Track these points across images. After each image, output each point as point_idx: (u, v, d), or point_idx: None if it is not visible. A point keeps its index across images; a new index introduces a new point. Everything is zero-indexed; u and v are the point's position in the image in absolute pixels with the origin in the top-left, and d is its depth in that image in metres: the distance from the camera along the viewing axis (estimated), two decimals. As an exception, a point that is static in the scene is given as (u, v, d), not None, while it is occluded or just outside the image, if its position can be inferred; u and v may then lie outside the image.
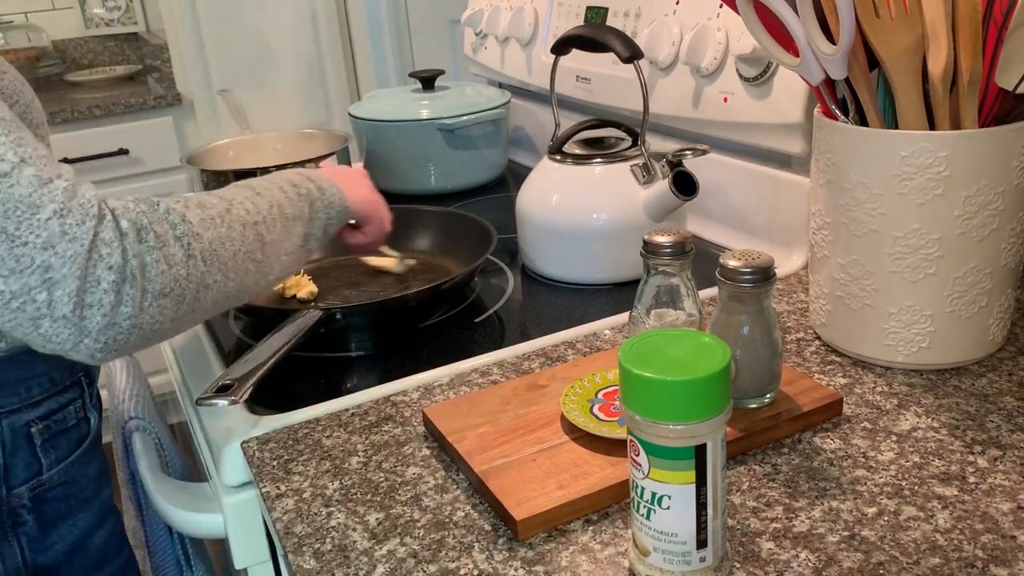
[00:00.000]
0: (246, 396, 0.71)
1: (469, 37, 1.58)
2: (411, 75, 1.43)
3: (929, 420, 0.66)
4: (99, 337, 0.60)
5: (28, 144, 0.60)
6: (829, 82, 0.71)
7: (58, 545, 0.80)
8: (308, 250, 0.79)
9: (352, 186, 0.86)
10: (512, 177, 1.45)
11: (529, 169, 1.07)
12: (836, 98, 0.72)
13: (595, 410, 0.67)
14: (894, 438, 0.64)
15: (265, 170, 1.18)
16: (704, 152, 0.91)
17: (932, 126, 0.68)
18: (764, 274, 0.63)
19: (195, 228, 0.66)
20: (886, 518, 0.56)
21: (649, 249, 0.68)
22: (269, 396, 0.78)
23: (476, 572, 0.55)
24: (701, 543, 0.50)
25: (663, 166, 0.94)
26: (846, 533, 0.55)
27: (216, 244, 0.67)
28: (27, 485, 0.77)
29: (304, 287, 0.99)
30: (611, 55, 0.97)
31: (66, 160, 2.29)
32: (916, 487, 0.59)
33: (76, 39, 2.83)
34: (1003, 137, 0.66)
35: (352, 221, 0.88)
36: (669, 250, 0.67)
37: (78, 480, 0.81)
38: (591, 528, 0.58)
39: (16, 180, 0.58)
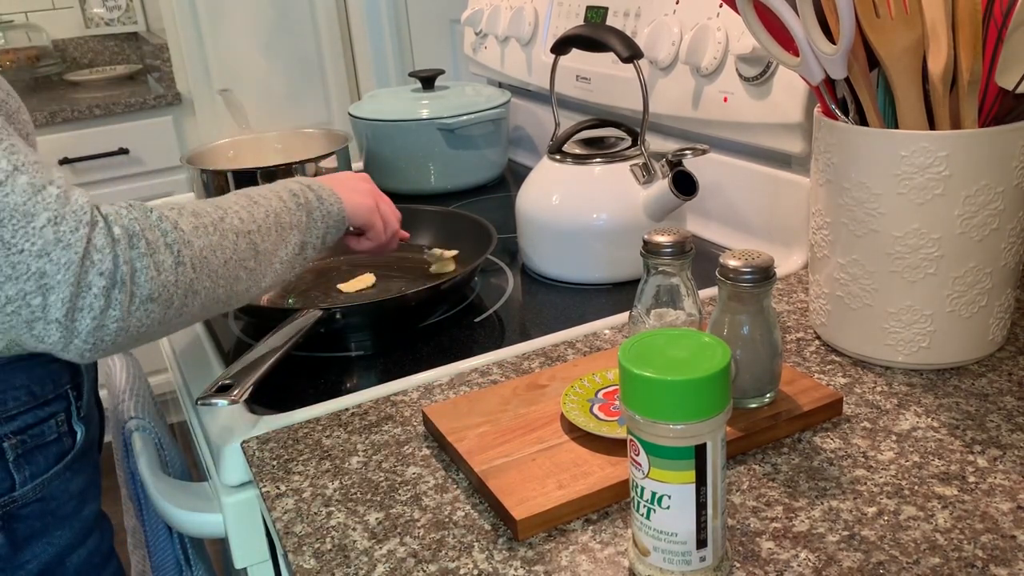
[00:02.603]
0: (246, 396, 0.71)
1: (469, 37, 1.58)
2: (411, 75, 1.43)
3: (929, 420, 0.66)
4: (88, 339, 0.62)
5: (20, 151, 0.61)
6: (829, 82, 0.71)
7: (31, 564, 0.76)
8: (305, 258, 0.81)
9: (351, 193, 0.87)
10: (512, 177, 1.45)
11: (529, 169, 1.07)
12: (836, 98, 0.72)
13: (595, 410, 0.67)
14: (894, 438, 0.64)
15: (265, 170, 1.19)
16: (704, 152, 0.91)
17: (932, 126, 0.68)
18: (764, 274, 0.63)
19: (186, 236, 0.67)
20: (886, 518, 0.56)
21: (649, 249, 0.67)
22: (269, 396, 0.78)
23: (476, 572, 0.55)
24: (701, 543, 0.50)
25: (663, 166, 0.94)
26: (846, 533, 0.55)
27: (207, 252, 0.68)
28: None
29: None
30: (611, 55, 0.97)
31: (66, 160, 2.30)
32: (916, 487, 0.59)
33: (76, 39, 2.83)
34: (1003, 137, 0.66)
35: (352, 229, 0.89)
36: (669, 250, 0.67)
37: (56, 496, 0.77)
38: (591, 528, 0.58)
39: (11, 188, 0.59)
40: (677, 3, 1.09)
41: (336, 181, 0.88)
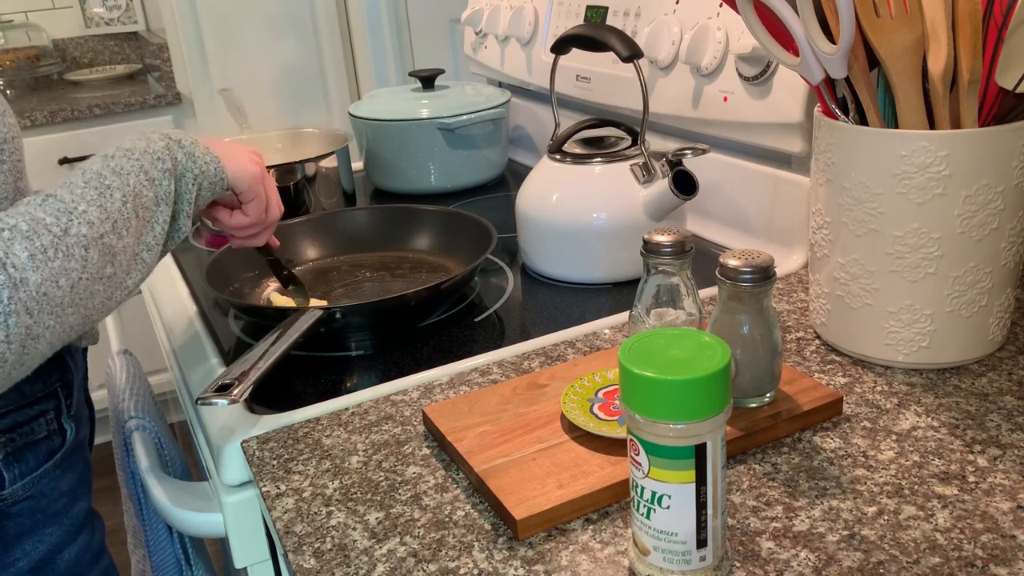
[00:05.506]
0: (246, 395, 0.71)
1: (469, 36, 1.58)
2: (411, 74, 1.43)
3: (929, 419, 0.66)
4: None
5: None
6: (829, 81, 0.71)
7: (21, 562, 0.76)
8: (179, 229, 0.72)
9: (233, 157, 0.78)
10: (512, 177, 1.45)
11: (529, 169, 1.07)
12: (836, 97, 0.72)
13: (595, 409, 0.67)
14: (894, 437, 0.64)
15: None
16: (704, 151, 0.91)
17: (932, 125, 0.68)
18: (764, 273, 0.63)
19: (19, 274, 0.55)
20: (886, 517, 0.56)
21: (649, 248, 0.68)
22: (269, 395, 0.78)
23: (476, 571, 0.55)
24: (701, 542, 0.50)
25: (663, 165, 0.94)
26: (846, 532, 0.55)
27: (47, 286, 0.57)
28: None
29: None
30: (611, 54, 0.97)
31: (66, 160, 2.30)
32: (916, 486, 0.59)
33: (76, 38, 2.83)
34: (1003, 136, 0.66)
35: (228, 192, 0.79)
36: (669, 249, 0.67)
37: (47, 494, 0.77)
38: (591, 527, 0.58)
39: None
40: (677, 3, 1.09)
41: (216, 144, 0.78)
